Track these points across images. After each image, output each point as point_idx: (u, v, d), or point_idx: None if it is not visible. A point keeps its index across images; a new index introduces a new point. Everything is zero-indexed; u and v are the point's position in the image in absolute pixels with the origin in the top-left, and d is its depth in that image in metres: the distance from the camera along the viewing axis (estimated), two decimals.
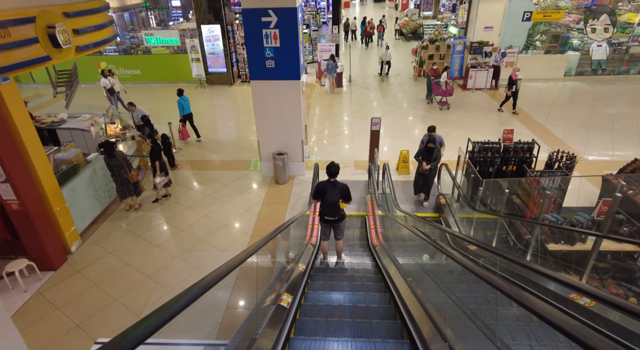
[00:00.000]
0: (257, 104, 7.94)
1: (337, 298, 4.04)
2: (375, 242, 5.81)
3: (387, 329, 3.13)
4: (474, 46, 14.26)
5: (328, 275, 5.13)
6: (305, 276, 4.04)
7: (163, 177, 7.48)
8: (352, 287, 4.43)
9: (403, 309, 3.26)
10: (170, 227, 7.05)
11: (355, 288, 4.43)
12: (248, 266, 3.34)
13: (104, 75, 12.23)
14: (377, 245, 5.69)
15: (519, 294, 1.57)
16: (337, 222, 4.93)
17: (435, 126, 7.09)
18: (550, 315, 1.33)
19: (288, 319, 3.07)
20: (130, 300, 5.39)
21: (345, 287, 4.40)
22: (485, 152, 6.63)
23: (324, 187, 4.71)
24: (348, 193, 4.74)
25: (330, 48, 14.78)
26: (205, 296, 1.67)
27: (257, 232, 6.84)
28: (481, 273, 2.01)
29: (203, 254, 6.34)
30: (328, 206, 4.75)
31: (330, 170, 4.68)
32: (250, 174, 8.81)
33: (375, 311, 3.58)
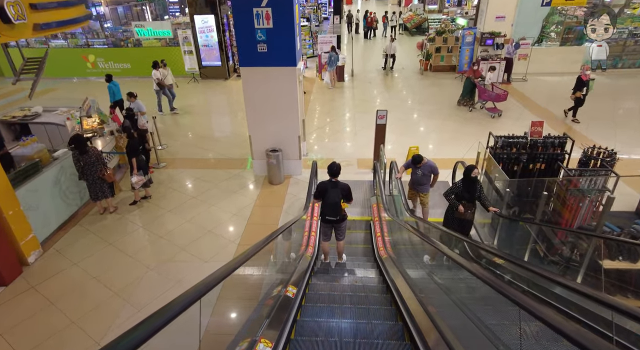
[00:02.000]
0: (248, 93, 7.06)
1: (337, 328, 3.17)
2: (383, 254, 4.93)
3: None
4: (485, 37, 13.34)
5: (327, 295, 4.25)
6: (296, 305, 3.15)
7: (141, 176, 6.61)
8: (356, 313, 3.56)
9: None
10: (147, 233, 6.18)
11: (360, 314, 3.55)
12: (234, 281, 2.59)
13: (155, 67, 10.84)
14: (384, 257, 4.81)
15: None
16: (338, 222, 4.84)
17: (421, 156, 5.74)
18: None
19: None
20: (91, 323, 4.52)
21: (348, 314, 3.52)
22: (510, 148, 5.74)
23: (325, 187, 4.63)
24: (349, 193, 4.67)
25: (331, 40, 13.89)
26: (180, 318, 1.41)
27: (246, 239, 5.96)
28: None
29: (182, 265, 5.47)
30: (329, 206, 4.67)
31: (332, 170, 4.58)
32: (242, 173, 7.94)
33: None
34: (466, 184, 4.83)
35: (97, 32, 15.01)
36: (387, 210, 5.26)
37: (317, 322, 3.29)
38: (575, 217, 4.77)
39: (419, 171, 5.75)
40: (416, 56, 17.16)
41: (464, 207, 4.84)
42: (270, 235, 3.40)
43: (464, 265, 2.22)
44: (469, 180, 4.78)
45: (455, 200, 4.91)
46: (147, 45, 14.93)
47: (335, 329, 3.14)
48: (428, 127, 10.10)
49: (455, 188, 4.96)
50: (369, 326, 3.19)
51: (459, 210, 4.84)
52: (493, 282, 1.82)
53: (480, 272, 2.02)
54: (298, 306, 3.31)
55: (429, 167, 5.73)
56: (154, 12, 28.02)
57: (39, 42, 14.84)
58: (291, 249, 4.80)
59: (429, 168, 5.74)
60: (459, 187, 4.91)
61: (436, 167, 5.75)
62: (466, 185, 4.83)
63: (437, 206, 6.73)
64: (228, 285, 3.03)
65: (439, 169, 8.10)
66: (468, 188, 4.82)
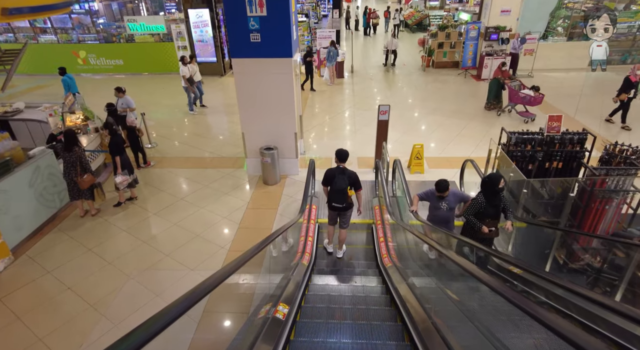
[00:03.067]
0: (240, 87, 6.58)
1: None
2: (387, 262, 4.44)
3: None
4: (490, 32, 12.85)
5: (325, 308, 3.77)
6: (287, 328, 2.67)
7: (126, 176, 6.12)
8: (357, 330, 3.08)
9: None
10: (130, 238, 5.69)
11: (362, 331, 3.07)
12: (222, 291, 2.14)
13: (183, 63, 10.11)
14: (389, 266, 4.32)
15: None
16: (343, 210, 4.80)
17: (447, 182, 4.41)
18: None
19: None
20: (61, 340, 4.04)
21: (347, 332, 3.04)
22: (524, 145, 5.26)
23: (333, 173, 4.66)
24: (357, 180, 4.69)
25: (330, 34, 13.41)
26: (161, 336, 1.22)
27: (238, 244, 5.48)
28: None
29: (166, 274, 4.99)
30: (336, 193, 4.65)
31: (340, 155, 4.64)
32: (235, 173, 7.45)
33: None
34: (490, 197, 4.04)
35: (88, 27, 14.49)
36: (392, 214, 4.78)
37: (314, 342, 2.82)
38: (599, 221, 4.30)
39: (443, 204, 4.37)
40: (417, 53, 16.68)
41: (488, 226, 4.03)
42: (262, 243, 2.93)
43: (486, 282, 1.75)
44: (493, 192, 4.02)
45: (477, 221, 4.05)
46: (140, 40, 14.44)
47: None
48: (432, 124, 9.63)
49: (477, 205, 4.08)
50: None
51: (482, 231, 4.02)
52: (532, 309, 1.35)
53: (512, 295, 1.54)
54: (290, 327, 2.82)
55: (457, 197, 4.44)
56: (150, 9, 27.47)
57: (28, 37, 14.34)
58: (285, 256, 4.32)
59: (458, 198, 4.45)
60: (481, 204, 4.05)
61: (467, 195, 4.51)
62: (490, 198, 4.04)
63: None
64: (215, 298, 2.63)
65: (444, 169, 7.72)
66: (492, 202, 4.04)
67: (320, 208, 6.31)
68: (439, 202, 4.41)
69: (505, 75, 10.28)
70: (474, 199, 4.17)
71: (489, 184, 4.04)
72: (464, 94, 12.08)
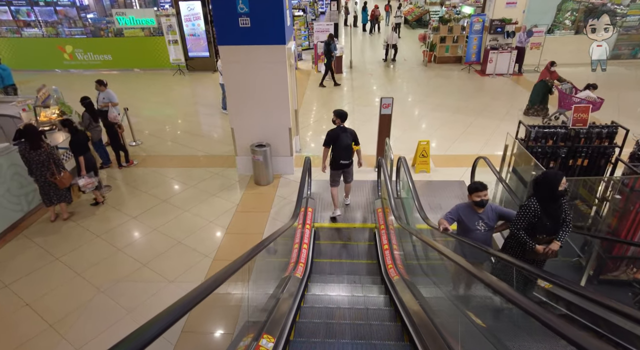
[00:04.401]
0: (229, 77, 5.98)
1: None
2: (393, 274, 3.85)
3: None
4: (495, 25, 12.29)
5: (324, 323, 3.17)
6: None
7: (91, 178, 5.51)
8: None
9: None
10: (104, 245, 5.08)
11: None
12: (203, 310, 2.16)
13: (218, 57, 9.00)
14: (395, 279, 3.73)
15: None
16: (349, 165, 5.24)
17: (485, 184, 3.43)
18: None
19: None
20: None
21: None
22: (545, 140, 4.68)
23: (336, 132, 5.02)
24: (356, 136, 5.16)
25: (328, 28, 12.81)
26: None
27: (224, 252, 4.88)
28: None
29: (141, 287, 4.38)
30: (344, 149, 5.06)
31: (342, 115, 5.04)
32: (225, 173, 6.85)
33: None
34: (547, 204, 2.99)
35: (74, 20, 13.86)
36: (399, 218, 4.18)
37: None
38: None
39: (480, 224, 3.33)
40: (418, 48, 16.10)
41: (542, 243, 3.04)
42: (252, 252, 2.36)
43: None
44: (553, 197, 2.96)
45: (529, 239, 3.07)
46: (129, 34, 13.80)
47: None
48: (436, 120, 9.05)
49: (529, 214, 3.03)
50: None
51: (536, 250, 3.04)
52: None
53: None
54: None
55: (497, 213, 3.41)
56: (143, 4, 26.82)
57: (10, 31, 13.69)
58: (274, 268, 3.73)
59: (498, 214, 3.41)
60: (534, 212, 3.01)
61: (509, 211, 3.43)
62: (547, 207, 2.99)
63: None
64: (196, 316, 2.14)
65: (451, 168, 7.13)
66: (550, 211, 3.00)
67: (317, 211, 5.72)
68: (474, 222, 3.33)
69: (554, 76, 9.01)
70: (523, 206, 3.12)
71: (546, 185, 2.95)
72: (468, 89, 11.51)
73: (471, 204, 3.39)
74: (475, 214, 3.36)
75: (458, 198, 5.94)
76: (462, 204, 3.48)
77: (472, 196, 3.32)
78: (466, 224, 3.39)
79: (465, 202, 3.52)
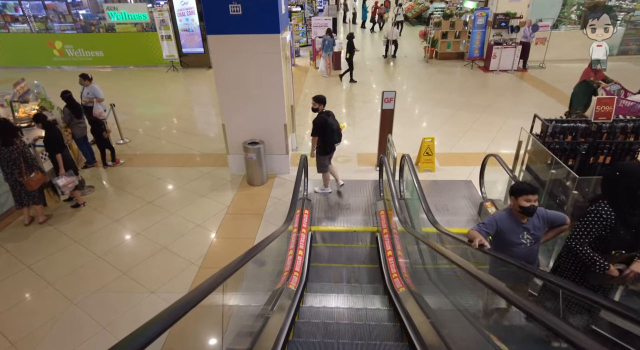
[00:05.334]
0: (219, 69, 5.56)
1: None
2: (399, 285, 3.43)
3: None
4: (499, 19, 11.88)
5: (321, 343, 2.76)
6: None
7: (71, 177, 5.08)
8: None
9: None
10: (82, 251, 4.66)
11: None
12: (186, 326, 1.62)
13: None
14: (401, 291, 3.31)
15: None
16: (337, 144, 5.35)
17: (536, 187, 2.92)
18: None
19: None
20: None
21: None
22: (563, 136, 4.26)
23: (324, 119, 5.02)
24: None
25: (326, 22, 12.40)
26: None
27: (211, 260, 4.46)
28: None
29: (119, 298, 3.96)
30: (335, 133, 5.14)
31: (324, 100, 5.08)
32: (216, 172, 6.42)
33: None
34: (625, 209, 2.34)
35: (64, 15, 13.41)
36: (405, 223, 3.76)
37: None
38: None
39: (525, 237, 2.67)
40: (419, 45, 15.72)
41: (618, 263, 2.35)
42: (241, 260, 1.95)
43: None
44: (635, 198, 2.33)
45: (599, 258, 2.36)
46: (121, 30, 13.35)
47: None
48: (439, 117, 8.64)
49: (599, 223, 2.37)
50: None
51: (609, 273, 2.33)
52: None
53: None
54: None
55: (546, 220, 2.73)
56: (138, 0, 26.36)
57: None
58: (264, 279, 3.30)
59: (547, 220, 2.74)
60: (606, 221, 2.36)
61: (562, 216, 2.76)
62: (625, 213, 2.34)
63: (461, 212, 5.26)
64: (178, 333, 1.76)
65: (457, 166, 6.71)
66: (630, 219, 2.34)
67: (314, 212, 5.30)
68: (517, 234, 2.65)
69: (599, 77, 7.95)
70: (590, 213, 2.40)
71: (626, 183, 2.30)
72: (472, 85, 11.11)
73: (513, 211, 2.68)
74: (519, 225, 2.66)
75: (466, 198, 5.54)
76: (501, 213, 2.77)
77: (520, 200, 2.57)
78: (507, 237, 2.67)
79: (503, 210, 2.83)
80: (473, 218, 5.12)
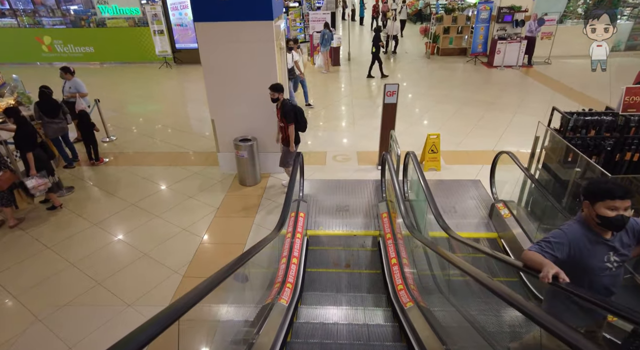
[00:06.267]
0: (207, 59, 5.13)
1: None
2: (406, 300, 3.01)
3: None
4: (503, 13, 11.48)
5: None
6: None
7: (44, 179, 4.65)
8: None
9: None
10: (54, 258, 4.22)
11: None
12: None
13: (288, 48, 7.27)
14: (409, 308, 2.89)
15: None
16: None
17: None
18: None
19: None
20: None
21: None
22: (586, 130, 3.85)
23: (293, 104, 4.79)
24: None
25: (324, 17, 11.98)
26: None
27: (196, 268, 4.03)
28: None
29: (91, 312, 3.53)
30: (303, 115, 4.88)
31: (282, 87, 4.66)
32: (206, 171, 6.00)
33: None
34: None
35: (52, 9, 12.95)
36: (412, 228, 3.33)
37: None
38: None
39: (611, 258, 1.92)
40: (420, 41, 15.34)
41: None
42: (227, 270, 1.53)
43: None
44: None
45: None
46: (111, 25, 12.89)
47: None
48: (443, 113, 8.22)
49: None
50: None
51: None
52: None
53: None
54: None
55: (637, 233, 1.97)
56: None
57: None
58: (251, 293, 2.87)
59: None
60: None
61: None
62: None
63: (471, 214, 4.84)
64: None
65: (463, 165, 6.29)
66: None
67: (311, 215, 4.87)
68: (601, 256, 1.91)
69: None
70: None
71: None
72: (476, 81, 10.70)
73: (589, 223, 1.93)
74: (602, 243, 1.90)
75: (475, 199, 5.13)
76: (572, 226, 1.96)
77: (599, 207, 1.83)
78: (585, 261, 1.91)
79: (573, 220, 2.00)
80: (484, 221, 4.71)
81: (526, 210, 4.41)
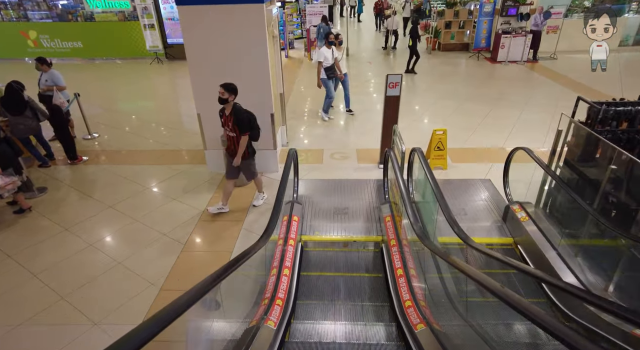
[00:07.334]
0: (192, 48, 4.68)
1: None
2: (417, 320, 2.54)
3: None
4: (507, 6, 11.05)
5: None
6: None
7: (12, 177, 4.17)
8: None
9: None
10: (14, 269, 3.74)
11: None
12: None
13: (327, 43, 6.93)
14: (420, 331, 2.42)
15: None
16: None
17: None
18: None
19: None
20: None
21: None
22: (617, 122, 3.40)
23: (246, 110, 4.10)
24: None
25: (321, 10, 11.52)
26: None
27: (175, 279, 3.56)
28: None
29: (49, 332, 3.05)
30: (257, 125, 4.27)
31: (236, 89, 3.97)
32: (192, 170, 5.52)
33: None
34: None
35: (38, 2, 12.42)
36: (424, 238, 2.86)
37: None
38: None
39: None
40: (422, 36, 14.85)
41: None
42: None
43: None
44: None
45: None
46: (100, 19, 12.39)
47: None
48: (446, 110, 7.77)
49: None
50: None
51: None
52: None
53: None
54: None
55: None
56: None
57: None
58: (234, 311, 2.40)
59: None
60: None
61: None
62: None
63: (482, 217, 4.39)
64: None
65: (471, 163, 5.83)
66: None
67: (306, 219, 4.41)
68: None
69: None
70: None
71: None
72: (480, 77, 10.27)
73: None
74: None
75: (486, 201, 4.68)
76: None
77: None
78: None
79: None
80: (497, 224, 4.25)
81: (545, 212, 3.96)
